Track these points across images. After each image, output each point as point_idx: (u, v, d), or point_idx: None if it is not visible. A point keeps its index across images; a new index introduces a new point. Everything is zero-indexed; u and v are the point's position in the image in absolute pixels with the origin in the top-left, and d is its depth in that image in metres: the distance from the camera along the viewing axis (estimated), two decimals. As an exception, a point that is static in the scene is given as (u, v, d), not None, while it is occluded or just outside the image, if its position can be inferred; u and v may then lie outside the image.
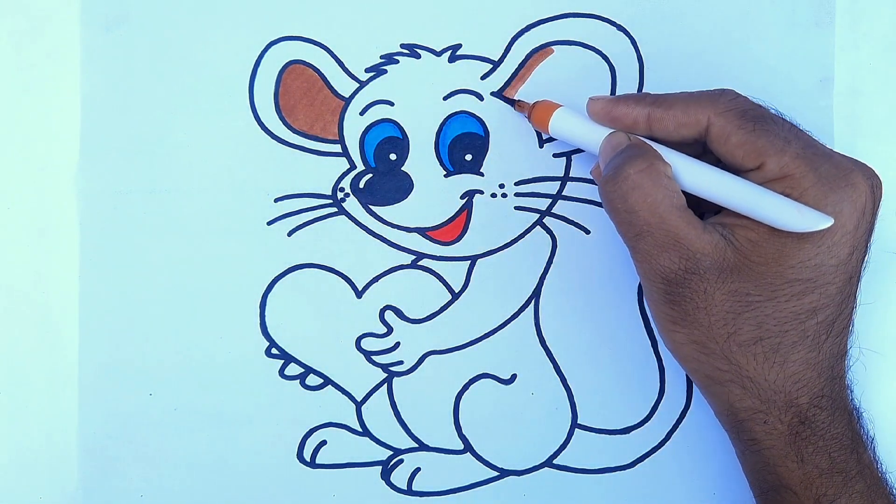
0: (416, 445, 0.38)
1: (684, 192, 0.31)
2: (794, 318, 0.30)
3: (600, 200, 0.38)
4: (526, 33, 0.38)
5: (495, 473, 0.38)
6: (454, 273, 0.38)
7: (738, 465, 0.34)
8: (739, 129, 0.30)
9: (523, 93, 0.38)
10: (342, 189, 0.38)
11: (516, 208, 0.38)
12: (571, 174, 0.38)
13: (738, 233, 0.30)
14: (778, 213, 0.29)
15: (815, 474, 0.30)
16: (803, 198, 0.29)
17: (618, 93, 0.37)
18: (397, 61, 0.38)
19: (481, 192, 0.38)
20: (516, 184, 0.38)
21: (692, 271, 0.30)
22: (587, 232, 0.38)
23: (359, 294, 0.38)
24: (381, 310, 0.38)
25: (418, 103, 0.38)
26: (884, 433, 0.36)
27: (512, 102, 0.37)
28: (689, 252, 0.30)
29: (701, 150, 0.33)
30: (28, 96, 0.38)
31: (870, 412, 0.33)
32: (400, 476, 0.38)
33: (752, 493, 0.33)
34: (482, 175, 0.38)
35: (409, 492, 0.38)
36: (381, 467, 0.38)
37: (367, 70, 0.38)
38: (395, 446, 0.38)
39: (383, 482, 0.38)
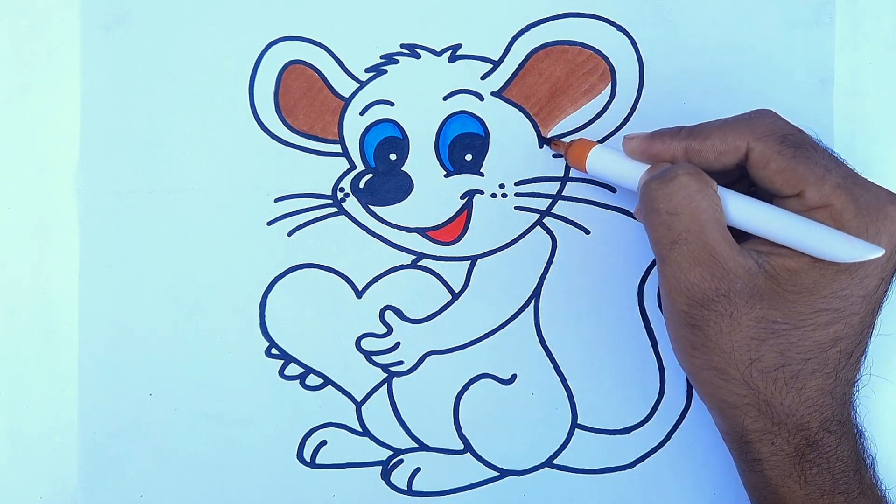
0: (416, 445, 0.38)
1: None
2: (817, 346, 0.30)
3: (600, 201, 0.38)
4: (526, 33, 0.38)
5: (495, 473, 0.38)
6: (454, 273, 0.38)
7: (739, 466, 0.34)
8: (779, 155, 0.29)
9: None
10: (342, 189, 0.38)
11: (516, 208, 0.38)
12: (571, 174, 0.38)
13: (775, 261, 0.30)
14: (828, 244, 0.29)
15: (816, 495, 0.30)
16: (844, 228, 0.29)
17: (618, 94, 0.37)
18: (397, 61, 0.38)
19: (481, 192, 0.38)
20: (516, 184, 0.38)
21: (722, 293, 0.29)
22: (587, 232, 0.38)
23: (359, 294, 0.38)
24: (381, 310, 0.38)
25: (418, 103, 0.38)
26: (889, 458, 0.36)
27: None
28: (722, 271, 0.29)
29: (736, 177, 0.32)
30: (28, 96, 0.38)
31: (875, 436, 0.33)
32: (400, 476, 0.38)
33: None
34: (482, 175, 0.38)
35: (409, 492, 0.38)
36: (381, 467, 0.38)
37: (367, 70, 0.38)
38: (395, 446, 0.38)
39: (383, 482, 0.38)
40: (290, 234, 0.38)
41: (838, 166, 0.30)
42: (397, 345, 0.38)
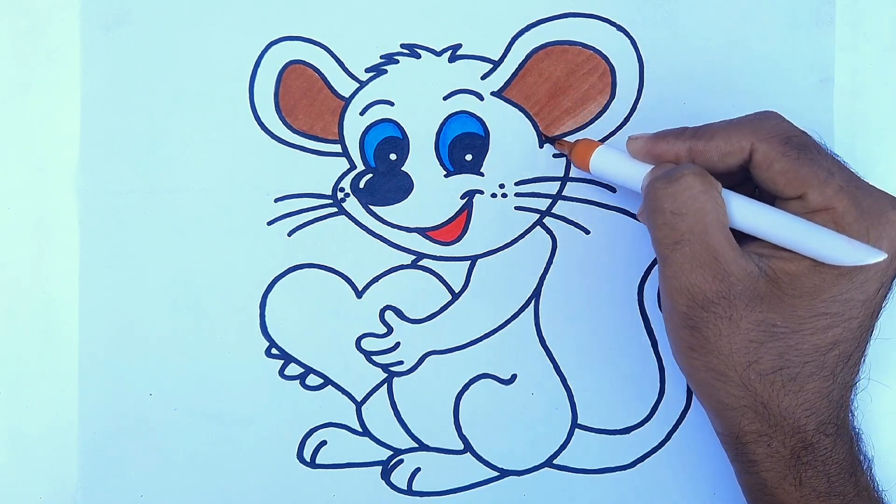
0: (416, 445, 0.38)
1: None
2: (816, 349, 0.29)
3: (600, 201, 0.38)
4: (526, 33, 0.38)
5: (495, 473, 0.38)
6: (454, 273, 0.38)
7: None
8: (783, 157, 0.29)
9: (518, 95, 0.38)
10: (342, 189, 0.38)
11: (516, 208, 0.38)
12: (571, 174, 0.38)
13: (776, 265, 0.30)
14: (830, 247, 0.29)
15: (812, 497, 0.30)
16: (845, 232, 0.29)
17: (618, 93, 0.37)
18: (397, 61, 0.38)
19: (481, 192, 0.38)
20: (516, 184, 0.38)
21: (723, 295, 0.29)
22: (587, 232, 0.38)
23: (359, 294, 0.38)
24: (382, 310, 0.38)
25: (418, 103, 0.38)
26: (886, 460, 0.36)
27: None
28: (724, 273, 0.29)
29: (739, 180, 0.32)
30: (28, 96, 0.38)
31: (873, 439, 0.32)
32: (400, 476, 0.38)
33: None
34: (482, 175, 0.38)
35: (409, 492, 0.38)
36: (381, 467, 0.38)
37: (367, 70, 0.38)
38: (395, 446, 0.38)
39: (383, 482, 0.38)
40: (290, 234, 0.38)
41: (841, 170, 0.30)
42: (397, 345, 0.38)
